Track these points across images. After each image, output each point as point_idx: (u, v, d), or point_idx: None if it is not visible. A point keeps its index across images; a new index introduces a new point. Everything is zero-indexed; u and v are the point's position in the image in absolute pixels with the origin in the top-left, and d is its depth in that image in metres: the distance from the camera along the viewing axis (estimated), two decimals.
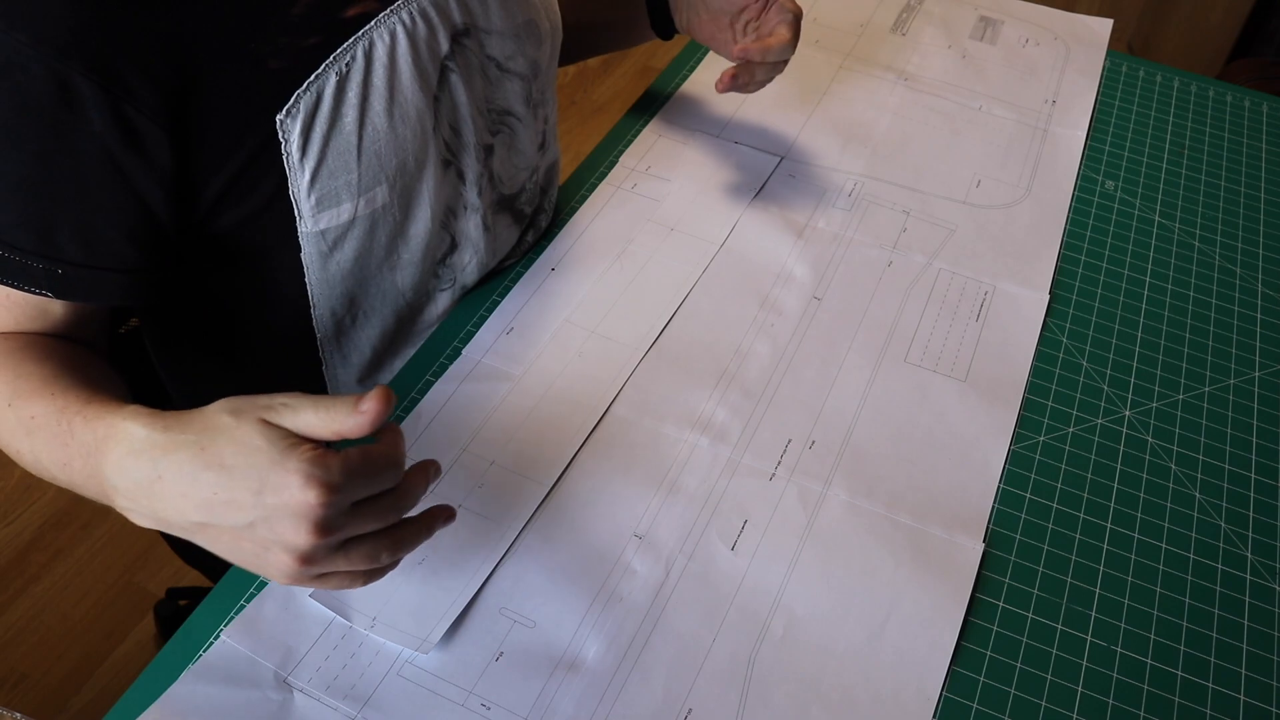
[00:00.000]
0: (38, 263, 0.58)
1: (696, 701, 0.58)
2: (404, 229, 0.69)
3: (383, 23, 0.62)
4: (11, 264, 0.58)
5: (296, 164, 0.61)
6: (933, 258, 0.85)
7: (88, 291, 0.60)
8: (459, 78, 0.68)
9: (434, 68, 0.65)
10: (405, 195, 0.67)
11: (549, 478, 0.67)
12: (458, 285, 0.77)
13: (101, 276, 0.60)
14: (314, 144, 0.61)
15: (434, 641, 0.58)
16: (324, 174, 0.62)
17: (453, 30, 0.66)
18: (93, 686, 1.35)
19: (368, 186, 0.64)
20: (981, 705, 0.59)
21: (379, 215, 0.66)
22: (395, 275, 0.71)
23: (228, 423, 0.47)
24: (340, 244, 0.66)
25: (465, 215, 0.74)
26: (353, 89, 0.62)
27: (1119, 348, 0.80)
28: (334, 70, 0.61)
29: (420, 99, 0.65)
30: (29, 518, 1.51)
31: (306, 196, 0.63)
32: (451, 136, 0.70)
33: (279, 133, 0.60)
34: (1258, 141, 1.01)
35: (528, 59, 0.73)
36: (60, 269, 0.59)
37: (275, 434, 0.46)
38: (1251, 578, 0.66)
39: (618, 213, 0.87)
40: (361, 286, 0.70)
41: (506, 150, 0.76)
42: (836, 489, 0.68)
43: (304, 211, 0.63)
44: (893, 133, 0.98)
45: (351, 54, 0.61)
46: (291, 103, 0.59)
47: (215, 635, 0.59)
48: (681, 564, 0.63)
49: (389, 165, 0.65)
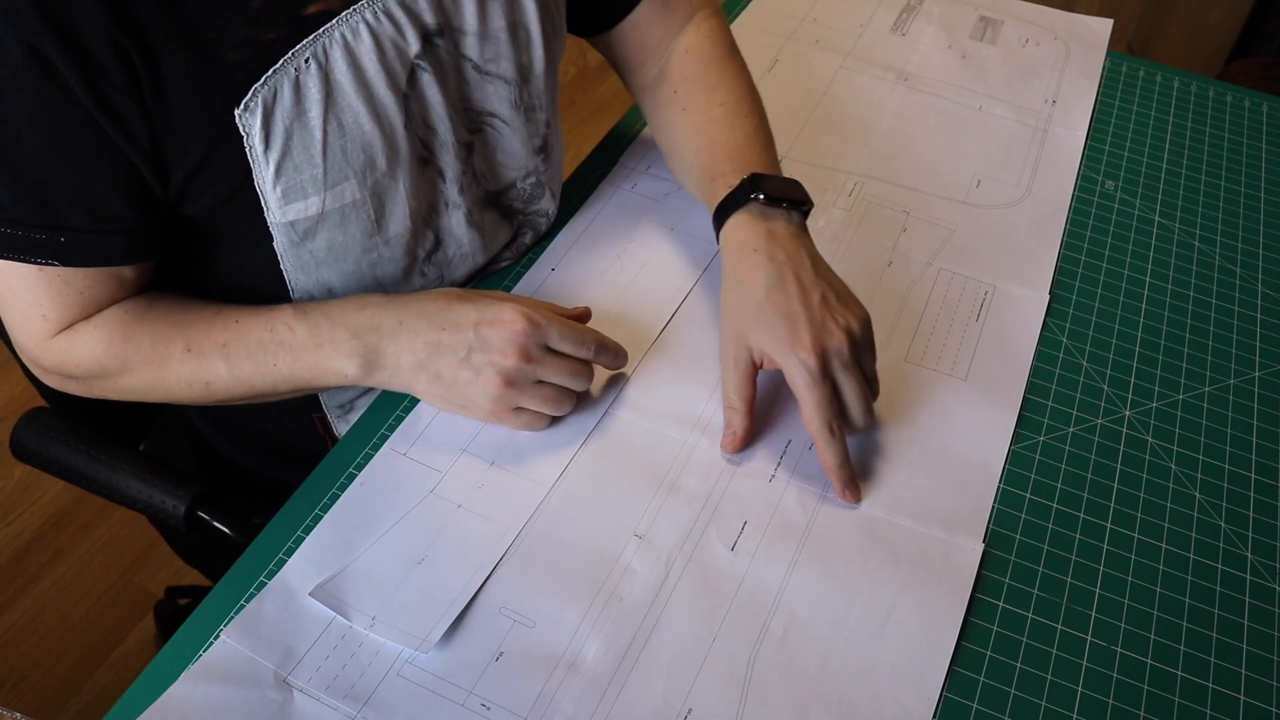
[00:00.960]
0: (40, 234, 0.60)
1: (696, 701, 0.58)
2: (380, 225, 0.69)
3: (344, 21, 0.62)
4: (16, 239, 0.60)
5: (260, 156, 0.62)
6: (933, 258, 0.85)
7: (92, 256, 0.63)
8: (431, 77, 0.67)
9: (402, 66, 0.65)
10: (378, 191, 0.67)
11: (549, 478, 0.67)
12: (445, 281, 0.77)
13: (104, 239, 0.62)
14: (276, 138, 0.61)
15: (434, 641, 0.58)
16: (288, 168, 0.63)
17: (423, 30, 0.66)
18: (93, 686, 1.35)
19: (335, 181, 0.65)
20: (981, 705, 0.59)
21: (349, 210, 0.66)
22: (375, 271, 0.71)
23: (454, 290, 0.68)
24: (311, 235, 0.67)
25: (447, 212, 0.74)
26: (314, 85, 0.62)
27: (1119, 348, 0.80)
28: (293, 65, 0.61)
29: (389, 96, 0.65)
30: (29, 518, 1.51)
31: (272, 189, 0.63)
32: (427, 134, 0.70)
33: (239, 126, 0.60)
34: (1258, 141, 1.01)
35: (513, 63, 0.73)
36: (63, 236, 0.61)
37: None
38: (1251, 578, 0.66)
39: (618, 213, 0.87)
40: (340, 278, 0.70)
41: (489, 149, 0.75)
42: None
43: (271, 203, 0.64)
44: (893, 133, 0.98)
45: (311, 50, 0.61)
46: (250, 96, 0.60)
47: (215, 635, 0.59)
48: (681, 564, 0.63)
49: (356, 161, 0.65)
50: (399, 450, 0.68)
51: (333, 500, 0.65)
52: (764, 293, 0.68)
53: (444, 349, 0.65)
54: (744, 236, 0.71)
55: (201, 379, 0.67)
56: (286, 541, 0.63)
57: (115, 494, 0.78)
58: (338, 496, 0.65)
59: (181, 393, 0.68)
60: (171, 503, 0.77)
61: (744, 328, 0.68)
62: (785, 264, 0.69)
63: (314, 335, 0.66)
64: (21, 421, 0.81)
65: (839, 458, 0.66)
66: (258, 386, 0.67)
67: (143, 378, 0.68)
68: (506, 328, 0.65)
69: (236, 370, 0.66)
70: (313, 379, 0.67)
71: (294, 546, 0.63)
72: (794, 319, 0.66)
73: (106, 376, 0.68)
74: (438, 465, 0.67)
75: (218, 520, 0.77)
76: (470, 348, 0.65)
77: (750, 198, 0.72)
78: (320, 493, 0.66)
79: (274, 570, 0.62)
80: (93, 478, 0.79)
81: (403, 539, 0.63)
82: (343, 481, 0.66)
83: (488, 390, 0.65)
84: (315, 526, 0.64)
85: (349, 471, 0.67)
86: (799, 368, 0.65)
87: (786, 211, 0.72)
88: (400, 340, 0.65)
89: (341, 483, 0.66)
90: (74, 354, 0.67)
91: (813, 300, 0.67)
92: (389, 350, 0.66)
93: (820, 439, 0.66)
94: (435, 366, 0.65)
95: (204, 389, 0.67)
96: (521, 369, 0.65)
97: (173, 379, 0.67)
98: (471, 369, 0.65)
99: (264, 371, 0.66)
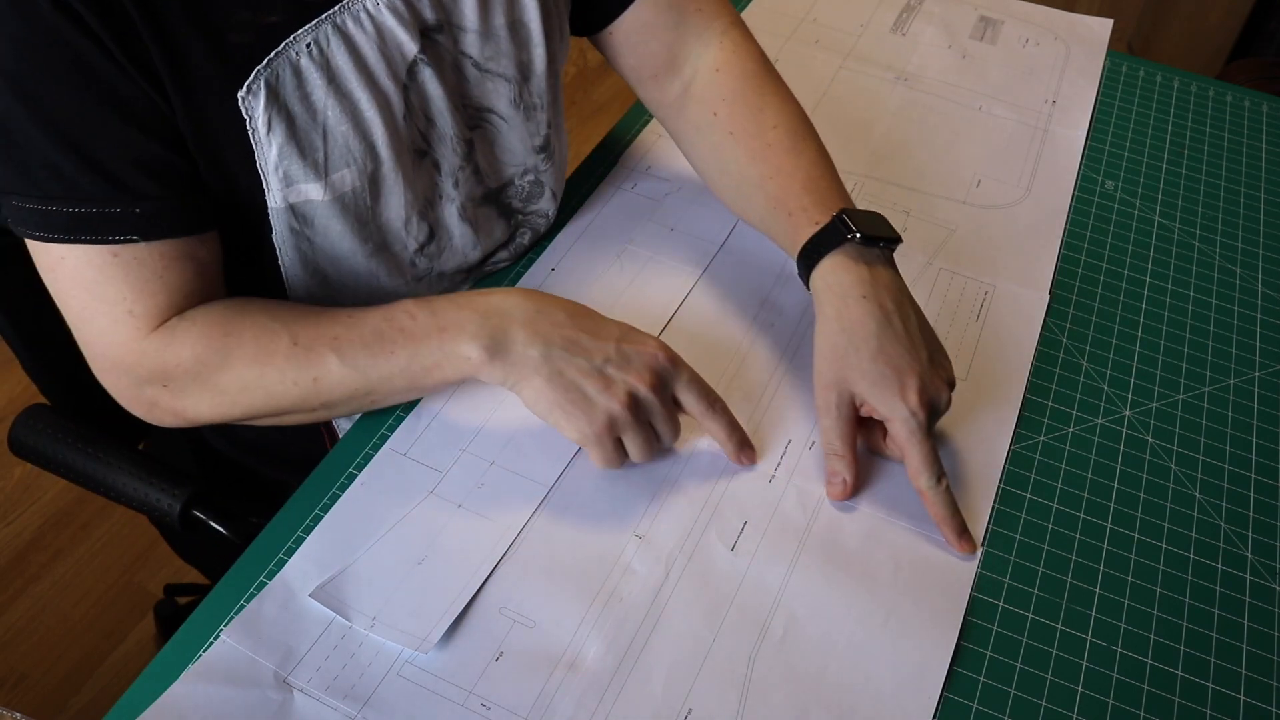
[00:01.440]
0: (115, 207, 0.59)
1: (696, 701, 0.58)
2: (376, 212, 0.69)
3: (345, 8, 0.62)
4: (91, 218, 0.59)
5: (263, 139, 0.61)
6: (933, 258, 0.85)
7: (172, 224, 0.61)
8: (431, 72, 0.67)
9: (401, 58, 0.65)
10: (376, 179, 0.67)
11: (549, 478, 0.67)
12: (434, 274, 0.77)
13: (177, 206, 0.61)
14: (278, 122, 0.61)
15: (434, 641, 0.58)
16: (290, 152, 0.63)
17: (422, 25, 0.66)
18: (93, 686, 1.35)
19: (335, 167, 0.64)
20: (981, 705, 0.59)
21: (348, 197, 0.66)
22: (369, 261, 0.71)
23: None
24: (310, 222, 0.66)
25: (440, 204, 0.74)
26: (315, 71, 0.62)
27: (1119, 348, 0.80)
28: (293, 49, 0.61)
29: (390, 86, 0.65)
30: (29, 518, 1.51)
31: (274, 171, 0.63)
32: (427, 126, 0.70)
33: (242, 109, 0.60)
34: (1258, 141, 1.01)
35: (513, 61, 0.73)
36: (138, 207, 0.59)
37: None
38: (1251, 578, 0.66)
39: (618, 213, 0.87)
40: (335, 269, 0.70)
41: (489, 146, 0.75)
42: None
43: (272, 185, 0.63)
44: (893, 133, 0.98)
45: (313, 35, 0.61)
46: (252, 79, 0.60)
47: (215, 635, 0.59)
48: (681, 564, 0.63)
49: (356, 148, 0.65)
50: (399, 450, 0.68)
51: (333, 500, 0.65)
52: (876, 343, 0.66)
53: (580, 350, 0.63)
54: (848, 281, 0.68)
55: (309, 374, 0.63)
56: (286, 541, 0.63)
57: (112, 492, 0.78)
58: (338, 496, 0.65)
59: (285, 393, 0.64)
60: (167, 501, 0.77)
61: (849, 375, 0.66)
62: (894, 314, 0.67)
63: (437, 319, 0.64)
64: (20, 418, 0.81)
65: (949, 508, 0.65)
66: (371, 378, 0.64)
67: (243, 375, 0.64)
68: (649, 352, 0.64)
69: (350, 361, 0.63)
70: (431, 366, 0.64)
71: (294, 547, 0.63)
72: (904, 372, 0.65)
73: (204, 376, 0.64)
74: (438, 465, 0.67)
75: (213, 520, 0.77)
76: (608, 359, 0.63)
77: (847, 238, 0.69)
78: (320, 493, 0.66)
79: (274, 570, 0.62)
80: (90, 475, 0.79)
81: (403, 539, 0.63)
82: (343, 481, 0.66)
83: (611, 406, 0.62)
84: (315, 526, 0.64)
85: (349, 471, 0.67)
86: (909, 420, 0.64)
87: (882, 251, 0.70)
88: (536, 328, 0.63)
89: (342, 483, 0.66)
90: (172, 351, 0.63)
91: (922, 356, 0.66)
92: (519, 336, 0.63)
93: (929, 493, 0.65)
94: (563, 364, 0.63)
95: (310, 386, 0.64)
96: (649, 398, 0.63)
97: (276, 376, 0.63)
98: (602, 380, 0.62)
99: (379, 362, 0.63)
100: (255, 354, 0.63)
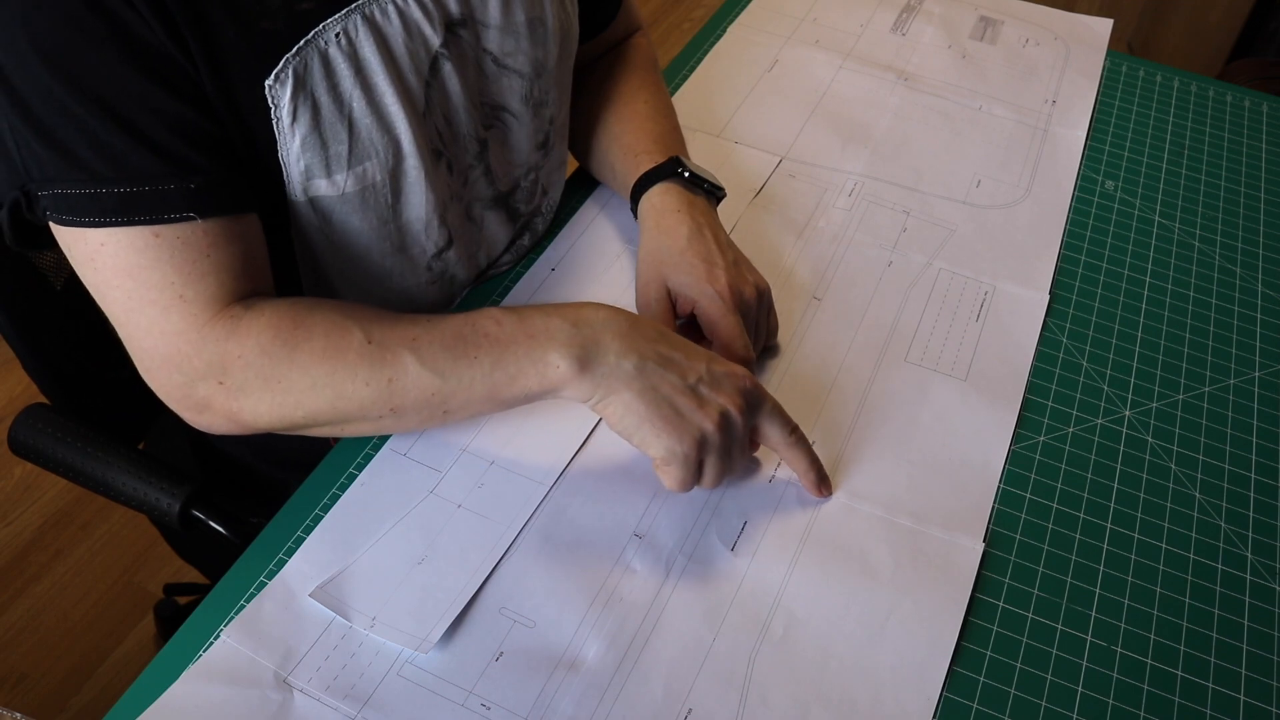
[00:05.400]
0: (169, 184, 0.57)
1: (696, 701, 0.58)
2: (396, 211, 0.68)
3: (374, 0, 0.62)
4: (144, 197, 0.57)
5: (287, 128, 0.61)
6: (933, 258, 0.85)
7: (225, 200, 0.60)
8: (453, 68, 0.67)
9: (425, 53, 0.65)
10: (397, 176, 0.67)
11: (549, 478, 0.67)
12: (446, 277, 0.77)
13: (229, 181, 0.60)
14: (304, 112, 0.61)
15: (434, 641, 0.58)
16: (313, 143, 0.62)
17: (447, 20, 0.66)
18: (93, 686, 1.35)
19: (358, 160, 0.64)
20: (981, 705, 0.59)
21: (369, 193, 0.66)
22: (385, 261, 0.71)
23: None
24: (329, 218, 0.66)
25: (455, 207, 0.74)
26: (343, 61, 0.61)
27: (1119, 348, 0.80)
28: (323, 39, 0.60)
29: (414, 81, 0.65)
30: (29, 518, 1.51)
31: (296, 162, 0.62)
32: (444, 126, 0.70)
33: (268, 97, 0.60)
34: (1258, 141, 1.01)
35: (529, 57, 0.73)
36: (192, 182, 0.58)
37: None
38: (1251, 578, 0.66)
39: (618, 213, 0.87)
40: (351, 265, 0.70)
41: (500, 146, 0.76)
42: (836, 489, 0.68)
43: (292, 176, 0.63)
44: (893, 133, 0.98)
45: (342, 25, 0.61)
46: (281, 67, 0.59)
47: (215, 635, 0.59)
48: (681, 564, 0.63)
49: (379, 143, 0.64)
50: (399, 450, 0.68)
51: (333, 500, 0.65)
52: (685, 242, 0.74)
53: (673, 367, 0.62)
54: (668, 201, 0.77)
55: (384, 374, 0.60)
56: (286, 541, 0.63)
57: (111, 491, 0.78)
58: (338, 496, 0.65)
59: (355, 393, 0.60)
60: (166, 500, 0.77)
61: (664, 270, 0.74)
62: (705, 227, 0.76)
63: (525, 326, 0.61)
64: (20, 417, 0.80)
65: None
66: (450, 384, 0.60)
67: (311, 372, 0.60)
68: (738, 375, 0.63)
69: (429, 363, 0.60)
70: (516, 374, 0.60)
71: (294, 547, 0.63)
72: (712, 263, 0.73)
73: (268, 370, 0.60)
74: (438, 465, 0.67)
75: (212, 519, 0.77)
76: (700, 378, 0.62)
77: (675, 173, 0.78)
78: (320, 493, 0.66)
79: (274, 570, 0.62)
80: (90, 475, 0.79)
81: (403, 539, 0.63)
82: (343, 481, 0.66)
83: (704, 425, 0.61)
84: (315, 526, 0.64)
85: (349, 471, 0.67)
86: (714, 299, 0.71)
87: (706, 193, 0.79)
88: (630, 341, 0.61)
89: (342, 483, 0.66)
90: (235, 341, 0.59)
91: (728, 256, 0.75)
92: (613, 347, 0.61)
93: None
94: (657, 380, 0.61)
95: (384, 388, 0.60)
96: (737, 421, 0.62)
97: (347, 375, 0.60)
98: (696, 398, 0.61)
99: (460, 366, 0.60)
100: (326, 349, 0.60)
